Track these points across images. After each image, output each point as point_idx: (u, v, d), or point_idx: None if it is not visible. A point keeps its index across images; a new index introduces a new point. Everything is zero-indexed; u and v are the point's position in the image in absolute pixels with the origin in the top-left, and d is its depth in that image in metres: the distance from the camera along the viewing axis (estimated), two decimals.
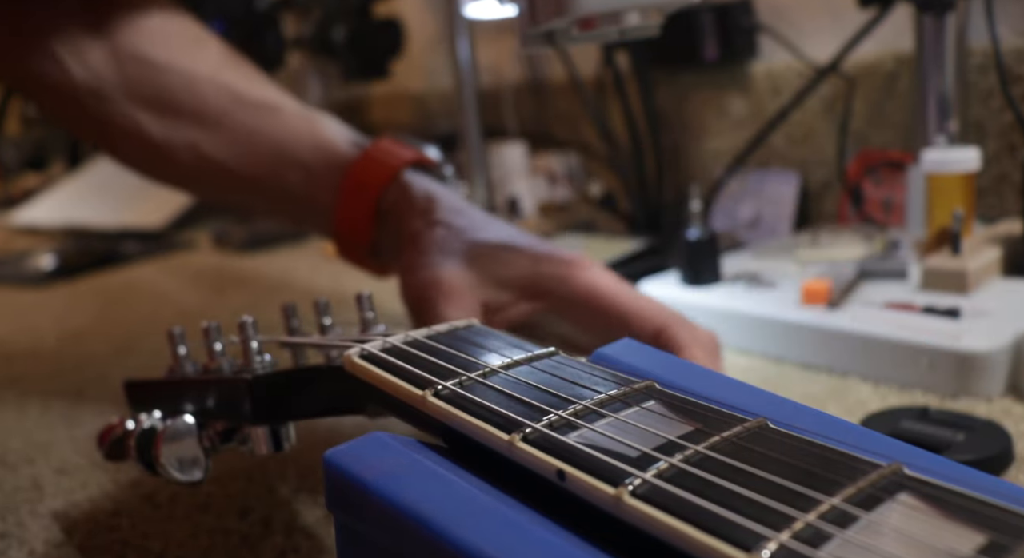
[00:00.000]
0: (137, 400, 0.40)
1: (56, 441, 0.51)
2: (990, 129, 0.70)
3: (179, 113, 0.53)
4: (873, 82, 0.77)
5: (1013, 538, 0.16)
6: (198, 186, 0.60)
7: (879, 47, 0.75)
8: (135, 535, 0.39)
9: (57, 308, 0.89)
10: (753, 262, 0.67)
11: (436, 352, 0.29)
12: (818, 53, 0.79)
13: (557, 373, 0.27)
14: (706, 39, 0.85)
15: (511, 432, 0.22)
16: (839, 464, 0.20)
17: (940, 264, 0.55)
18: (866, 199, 0.78)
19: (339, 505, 0.24)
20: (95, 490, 0.44)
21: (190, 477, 0.33)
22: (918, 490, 0.18)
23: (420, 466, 0.23)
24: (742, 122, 0.88)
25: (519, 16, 0.38)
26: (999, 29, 0.64)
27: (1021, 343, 0.46)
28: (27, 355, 0.72)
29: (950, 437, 0.39)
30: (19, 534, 0.40)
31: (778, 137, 0.84)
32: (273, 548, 0.37)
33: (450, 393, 0.26)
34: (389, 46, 1.20)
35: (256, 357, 0.34)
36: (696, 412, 0.23)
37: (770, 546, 0.17)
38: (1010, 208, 0.70)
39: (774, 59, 0.85)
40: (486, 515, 0.20)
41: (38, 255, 1.13)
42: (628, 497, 0.19)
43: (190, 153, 0.54)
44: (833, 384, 0.50)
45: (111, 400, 0.57)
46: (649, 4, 0.37)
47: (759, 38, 0.86)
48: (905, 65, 0.74)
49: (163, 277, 0.99)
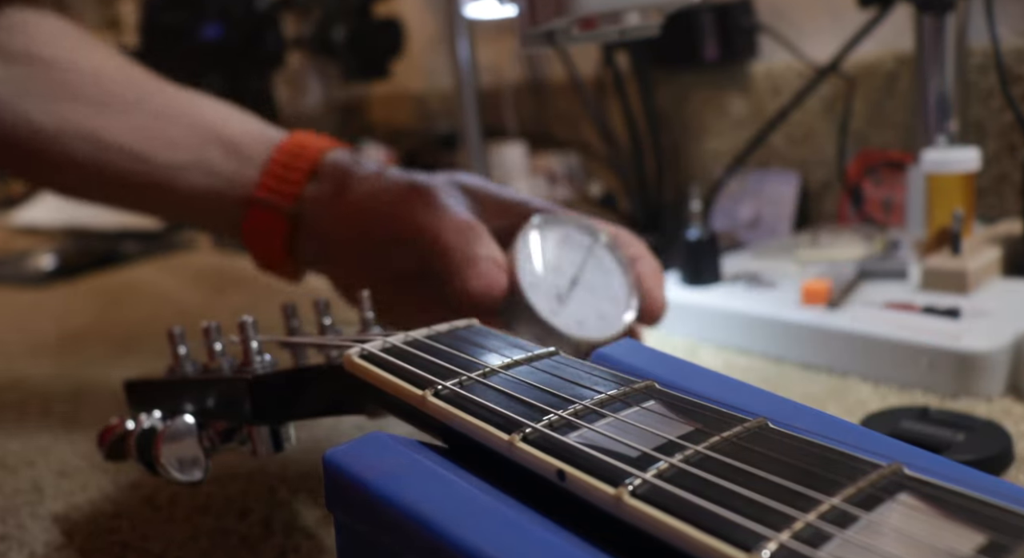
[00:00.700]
0: (137, 400, 0.40)
1: (56, 443, 0.51)
2: (990, 129, 0.70)
3: (77, 101, 0.50)
4: (873, 82, 0.77)
5: (1013, 538, 0.16)
6: (90, 185, 0.53)
7: (879, 47, 0.75)
8: (135, 537, 0.39)
9: (57, 308, 0.89)
10: (753, 262, 0.67)
11: (436, 352, 0.29)
12: (818, 53, 0.79)
13: (557, 373, 0.27)
14: (706, 39, 0.85)
15: (511, 432, 0.22)
16: (839, 464, 0.20)
17: (940, 264, 0.55)
18: (866, 199, 0.78)
19: (339, 505, 0.24)
20: (95, 492, 0.44)
21: (190, 477, 0.33)
22: (918, 490, 0.18)
23: (420, 466, 0.23)
24: (742, 122, 0.88)
25: (519, 16, 0.38)
26: (999, 29, 0.64)
27: (1021, 343, 0.46)
28: (27, 355, 0.72)
29: (950, 437, 0.39)
30: (19, 536, 0.40)
31: (778, 137, 0.84)
32: (273, 548, 0.37)
33: (450, 393, 0.26)
34: (389, 46, 1.20)
35: (256, 357, 0.34)
36: (696, 412, 0.23)
37: (770, 546, 0.17)
38: (1010, 208, 0.70)
39: (774, 59, 0.85)
40: (486, 515, 0.20)
41: (38, 255, 1.13)
42: (628, 497, 0.19)
43: (88, 144, 0.50)
44: (833, 384, 0.50)
45: (111, 400, 0.57)
46: (649, 4, 0.37)
47: (759, 38, 0.86)
48: (905, 65, 0.74)
49: (163, 277, 0.99)
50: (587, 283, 0.43)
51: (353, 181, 0.48)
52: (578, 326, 0.41)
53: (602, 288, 0.43)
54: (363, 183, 0.48)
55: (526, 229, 0.42)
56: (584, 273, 0.43)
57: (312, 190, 0.49)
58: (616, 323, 0.42)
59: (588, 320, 0.41)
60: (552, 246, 0.43)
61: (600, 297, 0.43)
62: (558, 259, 0.43)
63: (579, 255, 0.43)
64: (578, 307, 0.42)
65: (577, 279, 0.43)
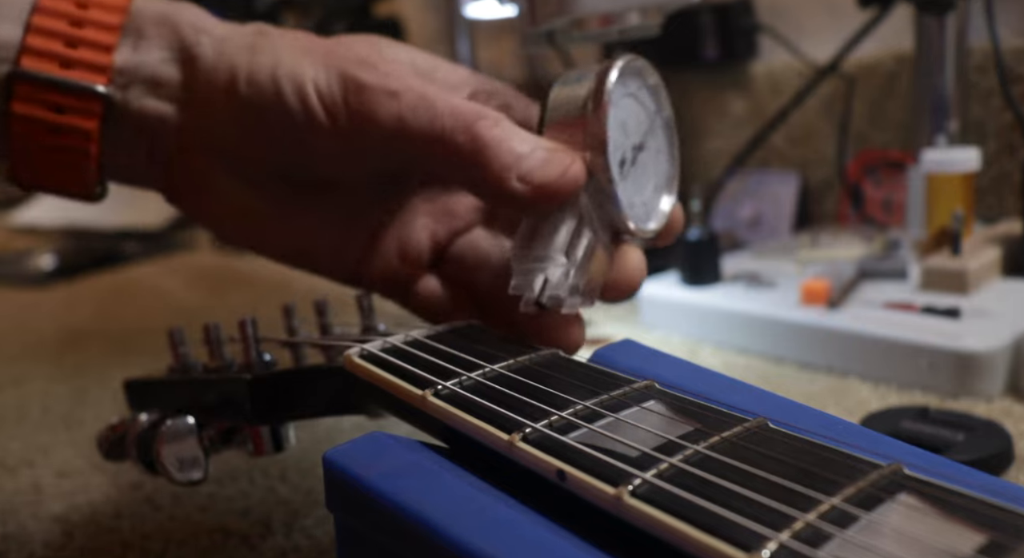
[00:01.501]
0: (137, 400, 0.40)
1: (56, 443, 0.51)
2: (990, 129, 0.70)
3: None
4: (873, 82, 0.77)
5: (1013, 538, 0.16)
6: None
7: (879, 47, 0.75)
8: (136, 537, 0.39)
9: (57, 308, 0.89)
10: (753, 262, 0.67)
11: (436, 352, 0.29)
12: (818, 53, 0.79)
13: (557, 373, 0.27)
14: (706, 39, 0.85)
15: (511, 432, 0.22)
16: (839, 464, 0.20)
17: (940, 264, 0.55)
18: (866, 199, 0.78)
19: (339, 505, 0.24)
20: (96, 492, 0.44)
21: (190, 477, 0.33)
22: (918, 490, 0.18)
23: (420, 466, 0.23)
24: (742, 122, 0.88)
25: (519, 16, 0.38)
26: (999, 29, 0.64)
27: (1021, 343, 0.46)
28: (27, 355, 0.72)
29: (950, 437, 0.39)
30: (20, 537, 0.40)
31: (778, 137, 0.84)
32: (273, 548, 0.37)
33: (450, 393, 0.26)
34: None
35: (256, 357, 0.34)
36: (696, 412, 0.23)
37: (770, 546, 0.17)
38: (1010, 208, 0.70)
39: (774, 59, 0.85)
40: (486, 515, 0.20)
41: (38, 255, 1.13)
42: (628, 497, 0.19)
43: None
44: (833, 384, 0.50)
45: (111, 400, 0.57)
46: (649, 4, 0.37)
47: (759, 38, 0.86)
48: (905, 65, 0.74)
49: (163, 277, 0.99)
50: (646, 156, 0.34)
51: (212, 45, 0.33)
52: (629, 208, 0.32)
53: (652, 168, 0.34)
54: (237, 48, 0.33)
55: (608, 70, 0.31)
56: (648, 142, 0.34)
57: (136, 59, 0.33)
58: (656, 214, 0.34)
59: (635, 205, 0.33)
60: (627, 100, 0.33)
61: (650, 178, 0.34)
62: (626, 117, 0.33)
63: (646, 119, 0.34)
64: (634, 184, 0.33)
65: (642, 147, 0.34)
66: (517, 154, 0.30)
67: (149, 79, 0.33)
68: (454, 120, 0.30)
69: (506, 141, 0.30)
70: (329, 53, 0.32)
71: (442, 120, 0.30)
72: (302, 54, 0.32)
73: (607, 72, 0.31)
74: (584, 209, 0.31)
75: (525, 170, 0.29)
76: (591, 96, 0.31)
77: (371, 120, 0.31)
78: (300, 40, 0.33)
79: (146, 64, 0.33)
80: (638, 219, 0.32)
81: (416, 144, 0.31)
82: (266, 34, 0.34)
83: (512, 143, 0.30)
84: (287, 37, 0.34)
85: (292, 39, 0.33)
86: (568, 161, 0.30)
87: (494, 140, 0.30)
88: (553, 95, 0.32)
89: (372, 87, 0.31)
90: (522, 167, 0.29)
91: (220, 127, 0.33)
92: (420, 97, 0.31)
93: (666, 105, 0.35)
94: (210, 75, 0.33)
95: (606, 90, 0.31)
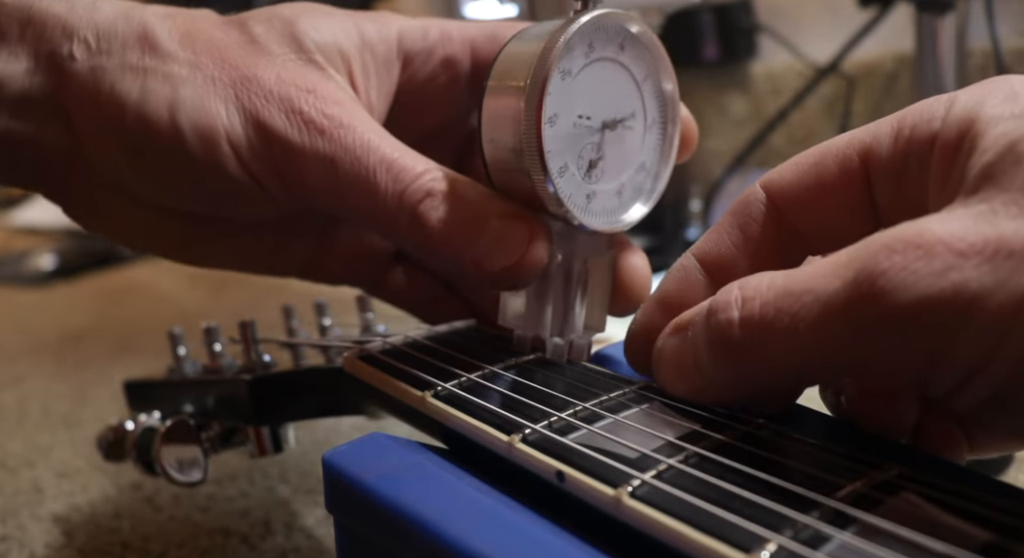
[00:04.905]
0: (137, 400, 0.40)
1: (56, 443, 0.51)
2: None
3: None
4: (873, 82, 0.77)
5: (1013, 538, 0.16)
6: None
7: (879, 47, 0.75)
8: (136, 537, 0.39)
9: (57, 308, 0.89)
10: None
11: (435, 353, 0.29)
12: (818, 53, 0.79)
13: (557, 374, 0.27)
14: (706, 39, 0.85)
15: (510, 433, 0.22)
16: (838, 464, 0.20)
17: None
18: None
19: (339, 506, 0.24)
20: (96, 493, 0.44)
21: (189, 478, 0.33)
22: (918, 490, 0.18)
23: (419, 467, 0.23)
24: (742, 122, 0.88)
25: (519, 16, 0.38)
26: (999, 29, 0.64)
27: None
28: (27, 355, 0.72)
29: None
30: (20, 537, 0.40)
31: (778, 137, 0.84)
32: (273, 548, 0.37)
33: (449, 394, 0.26)
34: None
35: (256, 357, 0.34)
36: (695, 413, 0.23)
37: (769, 547, 0.17)
38: None
39: (774, 59, 0.85)
40: (485, 516, 0.20)
41: (38, 255, 1.13)
42: (627, 498, 0.19)
43: None
44: None
45: (111, 400, 0.57)
46: (649, 4, 0.37)
47: (759, 38, 0.86)
48: (905, 65, 0.74)
49: (163, 277, 0.99)
50: (631, 134, 0.29)
51: (87, 58, 0.27)
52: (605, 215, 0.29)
53: (640, 143, 0.30)
54: (119, 68, 0.27)
55: (553, 47, 0.25)
56: (634, 114, 0.29)
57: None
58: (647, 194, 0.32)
59: (621, 194, 0.30)
60: (595, 67, 0.27)
61: (635, 156, 0.30)
62: (598, 89, 0.27)
63: (630, 86, 0.29)
64: (612, 172, 0.29)
65: (623, 121, 0.29)
66: (466, 237, 0.26)
67: (15, 97, 0.27)
68: (398, 203, 0.26)
69: (453, 225, 0.26)
70: (243, 82, 0.27)
71: (384, 201, 0.26)
72: (207, 84, 0.26)
73: (550, 53, 0.25)
74: (562, 246, 0.28)
75: (479, 256, 0.26)
76: (527, 95, 0.25)
77: (300, 188, 0.27)
78: (201, 53, 0.27)
79: (8, 77, 0.26)
80: (621, 217, 0.30)
81: (353, 216, 0.28)
82: (155, 43, 0.27)
83: (460, 226, 0.26)
84: (185, 45, 0.27)
85: (191, 52, 0.27)
86: (525, 235, 0.26)
87: (440, 224, 0.26)
88: (490, 86, 0.26)
89: (300, 151, 0.26)
90: (476, 252, 0.26)
91: (109, 162, 0.28)
92: (357, 163, 0.26)
93: (659, 68, 0.29)
94: (89, 98, 0.27)
95: (548, 82, 0.25)
